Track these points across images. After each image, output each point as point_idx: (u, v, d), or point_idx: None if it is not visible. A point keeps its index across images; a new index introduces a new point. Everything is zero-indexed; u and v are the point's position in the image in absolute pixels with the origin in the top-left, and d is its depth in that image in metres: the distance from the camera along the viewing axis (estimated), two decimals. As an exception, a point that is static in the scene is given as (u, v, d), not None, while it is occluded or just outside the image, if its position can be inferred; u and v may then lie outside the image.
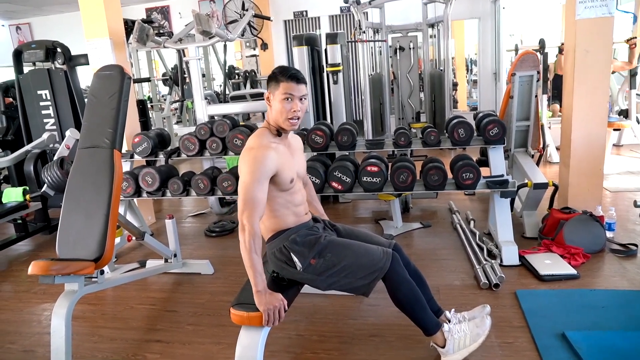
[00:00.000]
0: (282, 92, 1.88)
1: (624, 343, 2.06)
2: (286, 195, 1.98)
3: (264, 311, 1.77)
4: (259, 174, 1.82)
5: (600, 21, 3.15)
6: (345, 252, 1.96)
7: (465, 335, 2.00)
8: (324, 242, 1.98)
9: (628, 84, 5.57)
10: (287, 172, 1.92)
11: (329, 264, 1.94)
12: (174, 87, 7.25)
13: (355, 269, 1.93)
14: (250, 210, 1.79)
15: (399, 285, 1.96)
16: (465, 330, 2.02)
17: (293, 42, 4.23)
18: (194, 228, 4.15)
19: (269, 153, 1.86)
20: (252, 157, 1.85)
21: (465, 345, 1.99)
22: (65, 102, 4.54)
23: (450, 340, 1.99)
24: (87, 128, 2.44)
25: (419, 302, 1.98)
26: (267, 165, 1.83)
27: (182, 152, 3.50)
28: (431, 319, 2.01)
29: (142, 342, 2.41)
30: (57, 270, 2.07)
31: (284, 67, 1.94)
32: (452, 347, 1.99)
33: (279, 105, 1.89)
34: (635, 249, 3.00)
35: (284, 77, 1.89)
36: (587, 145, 3.32)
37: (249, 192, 1.80)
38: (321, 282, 1.97)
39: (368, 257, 1.94)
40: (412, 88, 6.22)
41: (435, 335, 2.01)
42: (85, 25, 3.82)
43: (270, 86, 1.93)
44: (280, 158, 1.90)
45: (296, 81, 1.90)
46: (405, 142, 3.25)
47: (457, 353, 1.99)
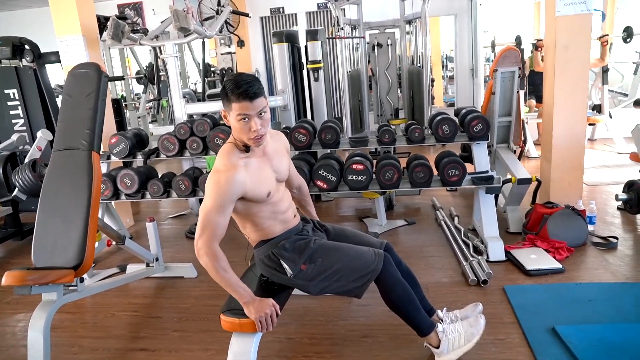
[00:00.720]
0: (236, 113, 1.70)
1: (613, 335, 2.08)
2: (269, 207, 1.88)
3: (255, 319, 1.72)
4: (222, 199, 1.71)
5: (579, 18, 3.18)
6: (337, 256, 1.91)
7: (460, 335, 1.99)
8: (314, 247, 1.93)
9: (601, 79, 5.71)
10: (260, 188, 1.80)
11: (320, 269, 1.89)
12: (149, 86, 7.06)
13: (347, 273, 1.89)
14: (208, 235, 1.70)
15: (392, 287, 1.93)
16: (460, 330, 2.00)
17: (273, 39, 4.16)
18: (174, 230, 4.05)
19: (235, 176, 1.72)
20: (216, 182, 1.72)
21: (460, 345, 1.98)
22: (35, 102, 4.36)
23: (445, 341, 1.97)
24: (62, 129, 2.32)
25: (413, 303, 1.96)
26: (231, 190, 1.71)
27: (161, 152, 3.40)
28: (425, 320, 1.99)
29: (126, 351, 2.32)
30: (34, 280, 1.96)
31: (234, 83, 1.69)
32: (446, 347, 1.97)
33: (238, 125, 1.73)
34: (615, 241, 3.05)
35: (236, 96, 1.68)
36: (568, 140, 3.36)
37: (208, 217, 1.71)
38: (313, 288, 1.93)
39: (360, 260, 1.90)
40: (391, 85, 6.21)
41: (430, 336, 1.99)
42: (55, 21, 3.66)
43: (224, 104, 1.75)
44: (250, 177, 1.76)
45: (249, 99, 1.68)
46: (389, 140, 3.22)
47: (452, 353, 1.98)
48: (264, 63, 7.73)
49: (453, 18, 7.06)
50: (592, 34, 3.29)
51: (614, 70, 6.83)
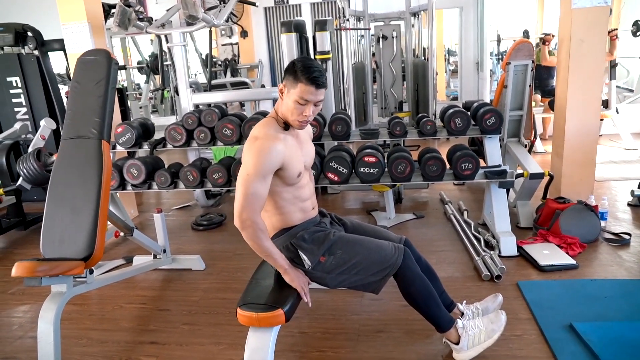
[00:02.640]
0: (298, 94, 1.70)
1: (633, 334, 2.06)
2: (293, 190, 1.86)
3: (298, 286, 1.79)
4: (264, 167, 1.69)
5: (596, 10, 3.13)
6: (356, 249, 1.87)
7: (480, 332, 1.96)
8: (334, 238, 1.89)
9: (608, 75, 5.66)
10: (294, 165, 1.79)
11: (339, 261, 1.86)
12: (151, 76, 6.99)
13: (366, 266, 1.85)
14: (252, 207, 1.69)
15: (412, 282, 1.90)
16: (480, 326, 1.97)
17: (281, 29, 4.09)
18: (179, 221, 4.00)
19: (275, 145, 1.72)
20: (258, 149, 1.71)
21: (480, 342, 1.95)
22: (38, 90, 4.29)
23: (465, 337, 1.94)
24: (71, 117, 2.26)
25: (432, 298, 1.93)
26: (272, 158, 1.70)
27: (168, 142, 3.34)
28: (444, 315, 1.96)
29: (136, 344, 2.28)
30: (44, 271, 1.92)
31: (307, 64, 1.71)
32: (466, 343, 1.94)
33: (292, 105, 1.73)
34: (628, 238, 3.02)
35: (305, 78, 1.68)
36: (581, 135, 3.32)
37: (250, 186, 1.68)
38: (331, 280, 1.89)
39: (380, 254, 1.86)
40: (395, 77, 6.16)
41: (449, 332, 1.96)
42: (60, 7, 3.58)
43: (287, 79, 1.74)
44: (287, 150, 1.76)
45: (316, 86, 1.70)
46: (401, 132, 3.18)
47: (472, 350, 1.95)
48: (267, 54, 7.66)
49: (458, 11, 7.01)
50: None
51: (620, 65, 6.78)
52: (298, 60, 1.74)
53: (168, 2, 6.80)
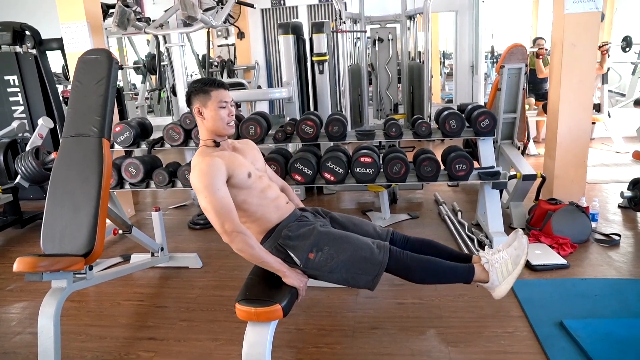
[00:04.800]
0: (215, 101, 1.92)
1: (621, 330, 2.11)
2: (256, 193, 1.95)
3: (299, 287, 1.85)
4: (214, 181, 1.80)
5: (588, 16, 3.20)
6: (343, 246, 1.92)
7: (506, 262, 1.97)
8: (321, 233, 1.94)
9: (600, 79, 5.75)
10: (239, 169, 1.90)
11: (327, 257, 1.90)
12: (148, 76, 7.00)
13: (354, 262, 1.90)
14: (229, 217, 1.79)
15: (408, 270, 1.95)
16: (504, 256, 1.99)
17: (279, 30, 4.13)
18: (176, 220, 4.03)
19: (212, 160, 1.84)
20: (200, 171, 1.83)
21: (509, 272, 1.97)
22: (35, 89, 4.31)
23: (493, 272, 1.97)
24: (72, 115, 2.29)
25: (437, 266, 1.96)
26: (216, 171, 1.82)
27: (166, 142, 3.37)
28: (462, 270, 1.99)
29: (134, 340, 2.30)
30: (45, 266, 1.95)
31: (204, 79, 1.97)
32: (496, 277, 1.97)
33: (215, 114, 1.92)
34: (618, 239, 3.09)
35: (213, 86, 1.93)
36: (573, 138, 3.39)
37: (215, 202, 1.78)
38: (322, 276, 1.94)
39: (366, 251, 1.91)
40: (391, 79, 6.21)
41: (476, 277, 1.98)
42: (59, 7, 3.60)
43: (198, 99, 1.94)
44: (226, 160, 1.88)
45: (224, 88, 1.96)
46: (396, 133, 3.22)
47: (504, 283, 1.97)
48: (263, 55, 7.69)
49: (453, 15, 7.08)
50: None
51: (613, 70, 6.89)
52: (195, 82, 1.98)
53: (165, 2, 6.83)
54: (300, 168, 3.04)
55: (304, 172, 3.04)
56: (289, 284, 1.84)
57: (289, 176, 3.09)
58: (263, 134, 3.28)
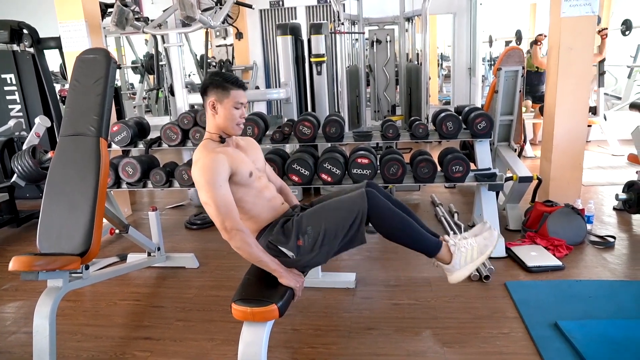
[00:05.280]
0: (233, 100, 1.91)
1: (615, 331, 2.12)
2: (254, 192, 1.97)
3: (295, 287, 1.85)
4: (217, 178, 1.80)
5: (584, 20, 3.22)
6: (321, 216, 1.93)
7: (472, 248, 1.97)
8: (299, 219, 1.95)
9: (597, 82, 5.78)
10: (242, 166, 1.91)
11: (314, 235, 1.90)
12: (146, 76, 7.00)
13: (338, 226, 1.89)
14: (230, 214, 1.79)
15: (383, 217, 1.92)
16: (473, 243, 1.99)
17: (277, 31, 4.14)
18: (173, 220, 4.02)
19: (217, 156, 1.84)
20: (203, 166, 1.82)
21: (473, 259, 1.96)
22: (32, 88, 4.31)
23: (457, 254, 1.96)
24: (69, 114, 2.30)
25: (411, 226, 1.95)
26: (219, 167, 1.82)
27: (164, 141, 3.37)
28: (429, 239, 1.99)
29: (130, 339, 2.30)
30: (41, 265, 1.95)
31: (228, 75, 1.94)
32: (458, 261, 1.96)
33: (229, 112, 1.91)
34: (613, 240, 3.10)
35: (234, 85, 1.91)
36: (569, 140, 3.40)
37: (216, 199, 1.78)
38: (319, 257, 1.94)
39: (344, 208, 1.91)
40: (388, 81, 6.23)
41: (440, 254, 1.97)
42: (58, 6, 3.60)
43: (215, 93, 1.91)
44: (230, 157, 1.88)
45: (243, 89, 1.95)
46: (393, 135, 3.23)
47: (464, 268, 1.97)
48: (261, 56, 7.69)
49: (451, 17, 7.10)
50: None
51: (609, 73, 6.92)
52: (216, 75, 1.94)
53: (163, 2, 6.82)
54: (297, 169, 3.05)
55: (301, 172, 3.05)
56: (285, 284, 1.84)
57: (286, 177, 3.10)
58: (261, 134, 3.29)
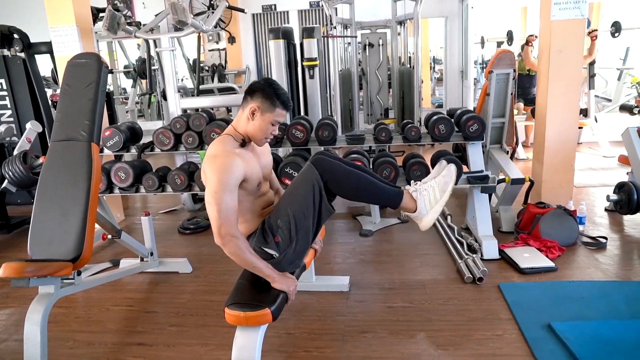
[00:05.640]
0: (274, 117, 1.89)
1: (608, 332, 2.13)
2: (253, 199, 1.97)
3: (288, 291, 1.85)
4: (229, 183, 1.78)
5: (574, 23, 3.25)
6: (283, 204, 1.94)
7: (434, 189, 1.97)
8: (267, 219, 1.95)
9: (587, 84, 5.83)
10: (254, 176, 1.90)
11: (286, 226, 1.89)
12: (138, 80, 6.98)
13: (302, 205, 1.88)
14: (228, 221, 1.76)
15: (339, 179, 1.90)
16: (433, 185, 1.98)
17: (269, 35, 4.14)
18: (166, 225, 4.00)
19: (235, 161, 1.81)
20: (220, 166, 1.79)
21: (437, 200, 1.96)
22: (23, 93, 4.28)
23: (420, 199, 1.96)
24: (61, 119, 2.28)
25: (368, 181, 1.94)
26: (235, 173, 1.79)
27: (157, 146, 3.36)
28: (390, 190, 1.99)
29: (123, 345, 2.29)
30: (32, 272, 1.93)
31: (280, 90, 1.90)
32: (423, 206, 1.96)
33: (265, 126, 1.90)
34: (605, 241, 3.12)
35: (282, 104, 1.89)
36: (560, 142, 3.43)
37: (222, 202, 1.76)
38: (300, 244, 1.92)
39: (299, 186, 1.92)
40: (381, 84, 6.25)
41: (403, 204, 1.97)
42: (49, 10, 3.58)
43: (262, 102, 1.87)
44: (246, 164, 1.86)
45: (287, 110, 1.93)
46: (386, 138, 3.24)
47: (431, 212, 1.97)
48: (254, 60, 7.70)
49: (443, 20, 7.14)
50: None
51: (599, 76, 6.99)
52: (270, 85, 1.90)
53: (156, 6, 6.81)
54: (290, 172, 3.05)
55: (294, 176, 3.04)
56: (278, 288, 1.84)
57: (279, 180, 3.09)
58: (253, 138, 3.28)
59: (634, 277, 2.72)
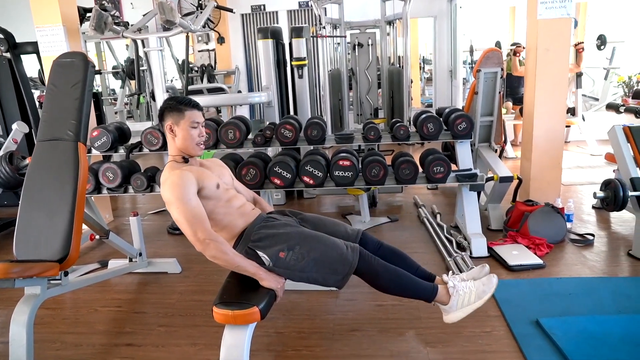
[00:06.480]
0: (188, 120, 1.96)
1: (594, 327, 2.15)
2: (223, 203, 1.99)
3: (276, 288, 1.86)
4: (186, 192, 1.84)
5: (560, 22, 3.29)
6: (314, 245, 1.93)
7: (471, 292, 1.99)
8: (291, 233, 1.95)
9: (575, 84, 5.89)
10: (208, 181, 1.95)
11: (298, 256, 1.90)
12: (127, 81, 6.93)
13: (324, 263, 1.91)
14: (201, 225, 1.81)
15: (376, 276, 1.96)
16: (471, 287, 2.01)
17: (258, 35, 4.14)
18: (155, 226, 3.98)
19: (182, 173, 1.88)
20: (171, 184, 1.87)
21: (470, 302, 1.98)
22: (9, 93, 4.20)
23: (455, 297, 1.98)
24: (47, 119, 2.27)
25: (404, 280, 1.98)
26: (187, 182, 1.87)
27: (145, 146, 3.33)
28: (426, 287, 2.01)
29: (111, 346, 2.27)
30: (18, 272, 1.90)
31: (180, 98, 1.99)
32: (455, 303, 1.98)
33: (186, 133, 1.96)
34: (592, 238, 3.16)
35: (188, 106, 1.97)
36: (548, 140, 3.46)
37: (188, 212, 1.82)
38: (293, 275, 1.94)
39: (336, 251, 1.92)
40: (371, 84, 6.27)
41: (439, 295, 2.00)
42: (34, 10, 3.54)
43: (171, 117, 1.97)
44: (195, 173, 1.93)
45: (197, 109, 2.00)
46: (375, 137, 3.25)
47: (460, 310, 1.99)
48: (244, 60, 7.68)
49: (432, 20, 7.17)
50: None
51: (586, 75, 7.06)
52: (170, 99, 2.00)
53: (144, 6, 6.78)
54: (279, 172, 3.05)
55: (283, 175, 3.04)
56: (266, 286, 1.84)
57: (268, 180, 3.09)
58: (242, 138, 3.27)
59: (620, 273, 2.75)
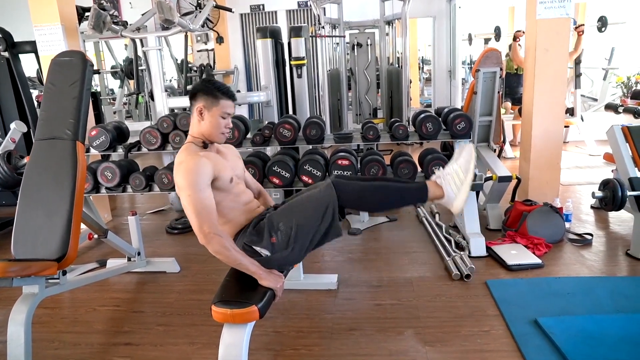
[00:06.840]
0: (221, 109, 1.92)
1: (592, 326, 2.15)
2: (232, 197, 1.98)
3: (275, 288, 1.84)
4: (200, 182, 1.80)
5: (559, 22, 3.29)
6: (292, 211, 1.94)
7: (457, 171, 1.97)
8: (270, 216, 1.96)
9: (573, 84, 5.89)
10: (224, 172, 1.93)
11: (286, 231, 1.90)
12: (125, 80, 6.92)
13: (309, 219, 1.90)
14: (209, 219, 1.79)
15: (362, 195, 1.95)
16: (454, 167, 1.98)
17: (257, 34, 4.14)
18: (154, 225, 3.98)
19: (200, 160, 1.84)
20: (186, 169, 1.82)
21: (462, 180, 1.96)
22: (7, 93, 4.22)
23: (445, 184, 1.97)
24: (45, 118, 2.26)
25: (392, 187, 1.96)
26: (203, 171, 1.82)
27: (144, 145, 3.33)
28: (415, 189, 2.00)
29: (109, 345, 2.26)
30: (16, 271, 1.90)
31: (219, 84, 1.95)
32: (450, 190, 1.97)
33: (215, 121, 1.93)
34: (590, 238, 3.16)
35: (225, 95, 1.92)
36: (546, 140, 3.46)
37: (198, 202, 1.78)
38: (295, 254, 1.94)
39: (313, 200, 1.93)
40: (370, 84, 6.27)
41: (431, 193, 1.98)
42: (32, 8, 3.54)
43: (204, 100, 1.92)
44: (212, 161, 1.89)
45: (233, 100, 1.96)
46: (374, 136, 3.25)
47: (460, 194, 1.97)
48: (242, 60, 7.68)
49: (431, 20, 7.18)
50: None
51: (585, 75, 7.07)
52: (208, 82, 1.96)
53: (142, 6, 6.77)
54: (278, 171, 3.05)
55: (282, 175, 3.04)
56: (265, 285, 1.84)
57: (267, 179, 3.09)
58: (241, 137, 3.27)
59: (618, 272, 2.75)
